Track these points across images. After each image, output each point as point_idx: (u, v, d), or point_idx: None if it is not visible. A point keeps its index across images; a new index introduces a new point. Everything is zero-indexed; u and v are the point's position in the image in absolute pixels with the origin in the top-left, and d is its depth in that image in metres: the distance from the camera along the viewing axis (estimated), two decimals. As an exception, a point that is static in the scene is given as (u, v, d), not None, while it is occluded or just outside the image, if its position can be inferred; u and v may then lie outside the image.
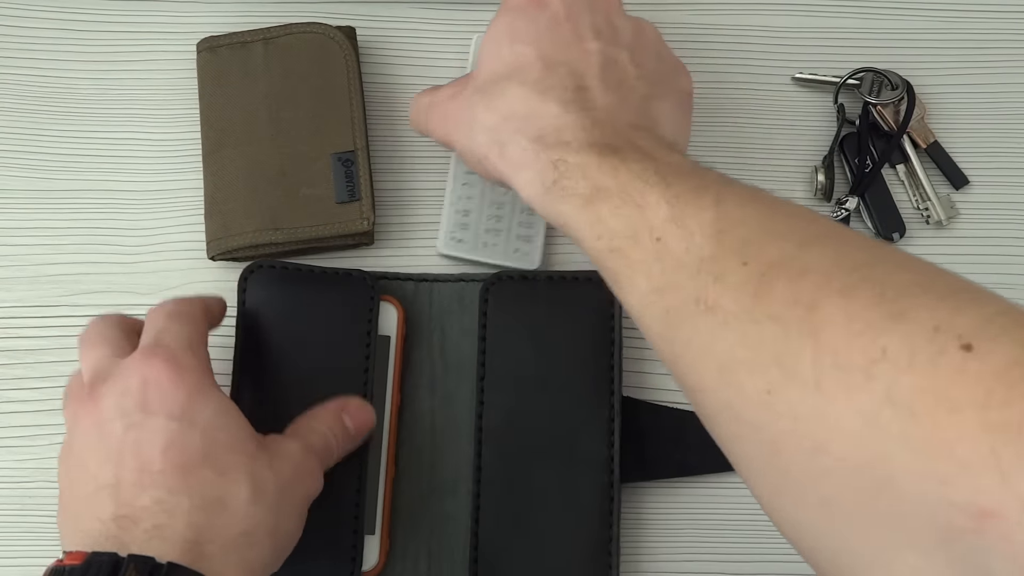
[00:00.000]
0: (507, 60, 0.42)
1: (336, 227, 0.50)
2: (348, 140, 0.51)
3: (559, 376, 0.48)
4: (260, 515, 0.37)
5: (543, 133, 0.39)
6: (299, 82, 0.52)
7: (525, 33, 0.42)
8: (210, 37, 0.53)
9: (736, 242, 0.33)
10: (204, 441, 0.37)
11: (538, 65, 0.41)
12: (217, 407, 0.39)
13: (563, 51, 0.41)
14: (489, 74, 0.42)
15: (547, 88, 0.40)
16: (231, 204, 0.50)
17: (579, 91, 0.40)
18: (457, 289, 0.51)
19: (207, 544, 0.36)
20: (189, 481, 0.36)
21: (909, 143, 0.55)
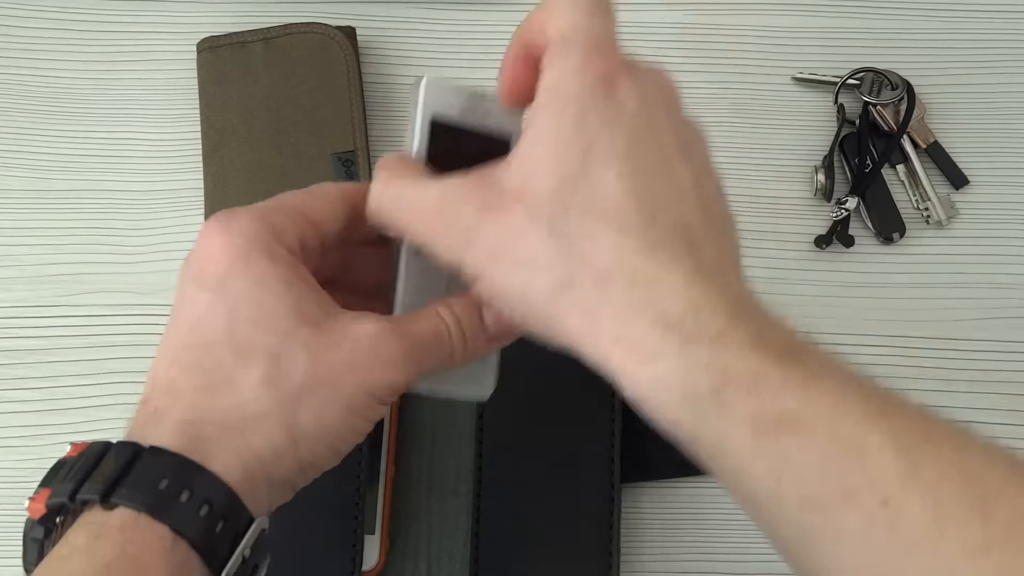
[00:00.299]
0: (584, 184, 0.31)
1: None
2: (348, 140, 0.51)
3: (559, 377, 0.48)
4: (271, 401, 0.32)
5: (673, 313, 0.29)
6: (299, 82, 0.52)
7: (606, 145, 0.31)
8: (210, 37, 0.53)
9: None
10: (229, 316, 0.33)
11: (633, 204, 0.30)
12: (258, 276, 0.33)
13: (658, 183, 0.31)
14: (553, 196, 0.31)
15: (657, 243, 0.30)
16: (231, 204, 0.50)
17: (692, 249, 0.30)
18: None
19: (204, 425, 0.32)
20: (204, 359, 0.33)
21: (909, 143, 0.55)
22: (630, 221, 0.30)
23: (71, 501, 0.30)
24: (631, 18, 0.57)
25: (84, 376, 0.51)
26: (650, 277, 0.30)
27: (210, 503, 0.30)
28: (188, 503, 0.30)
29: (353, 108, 0.52)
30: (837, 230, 0.53)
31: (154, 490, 0.30)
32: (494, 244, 0.31)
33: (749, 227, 0.54)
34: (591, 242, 0.30)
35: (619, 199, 0.30)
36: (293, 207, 0.35)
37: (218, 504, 0.30)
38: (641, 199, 0.31)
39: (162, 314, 0.52)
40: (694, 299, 0.29)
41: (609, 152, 0.31)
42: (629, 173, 0.31)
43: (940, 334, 0.52)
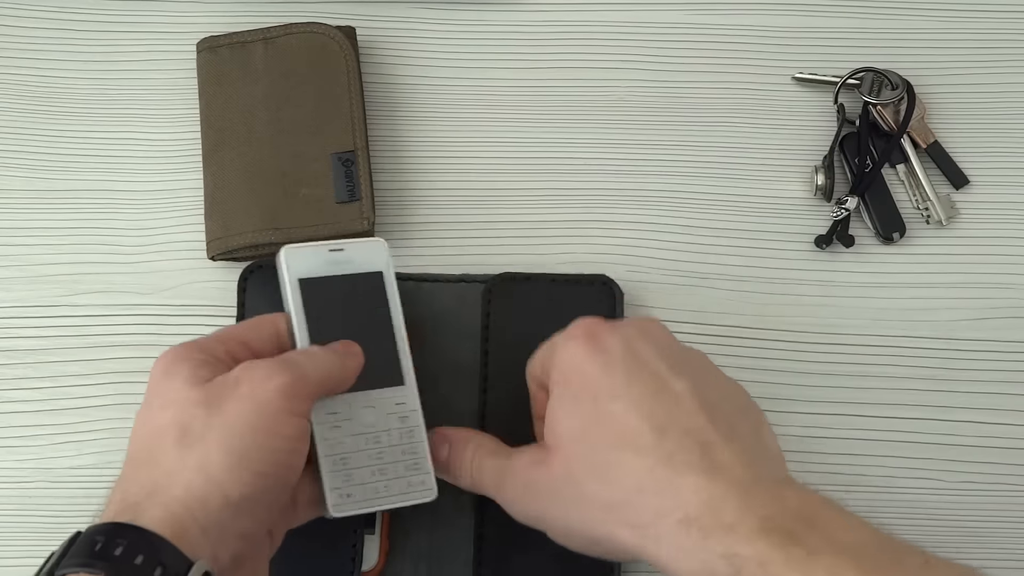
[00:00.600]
0: (599, 423, 0.38)
1: (336, 227, 0.50)
2: (348, 140, 0.51)
3: None
4: (182, 455, 0.36)
5: (692, 513, 0.35)
6: (299, 82, 0.52)
7: (607, 386, 0.38)
8: (210, 37, 0.53)
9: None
10: (147, 414, 0.39)
11: (643, 426, 0.37)
12: (166, 376, 0.39)
13: (659, 403, 0.38)
14: (581, 441, 0.39)
15: (671, 454, 0.36)
16: (231, 204, 0.50)
17: (704, 451, 0.36)
18: (458, 289, 0.51)
19: (134, 495, 0.36)
20: (132, 453, 0.38)
21: (909, 143, 0.55)
22: (643, 441, 0.37)
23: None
24: (631, 18, 0.57)
25: (84, 376, 0.51)
26: (670, 484, 0.36)
27: (143, 552, 0.34)
28: (123, 555, 0.33)
29: (353, 108, 0.52)
30: (837, 230, 0.53)
31: (89, 552, 0.33)
32: (548, 488, 0.39)
33: (749, 227, 0.54)
34: (618, 469, 0.37)
35: (630, 426, 0.37)
36: (220, 336, 0.41)
37: (151, 551, 0.34)
38: (648, 420, 0.37)
39: (162, 314, 0.52)
40: (708, 497, 0.35)
41: (611, 391, 0.38)
42: (633, 402, 0.38)
43: (940, 334, 0.52)
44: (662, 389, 0.38)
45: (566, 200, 0.54)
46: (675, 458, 0.36)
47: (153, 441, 0.38)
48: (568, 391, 0.40)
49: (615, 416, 0.38)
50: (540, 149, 0.55)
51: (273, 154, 0.51)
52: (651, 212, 0.54)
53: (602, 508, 0.37)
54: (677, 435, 0.37)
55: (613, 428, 0.38)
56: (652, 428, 0.37)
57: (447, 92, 0.55)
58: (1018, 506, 0.51)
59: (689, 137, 0.55)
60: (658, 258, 0.53)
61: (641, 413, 0.37)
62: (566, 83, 0.56)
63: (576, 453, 0.39)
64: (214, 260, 0.52)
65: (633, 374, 0.38)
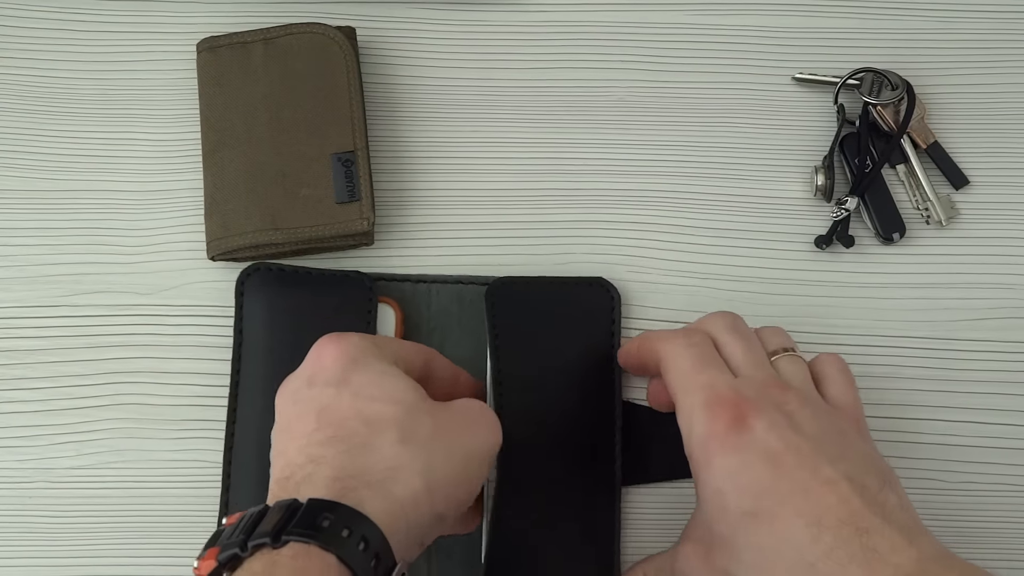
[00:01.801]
0: (755, 523, 0.38)
1: (336, 227, 0.50)
2: (348, 140, 0.51)
3: (564, 376, 0.49)
4: (407, 455, 0.37)
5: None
6: (299, 82, 0.52)
7: (753, 485, 0.38)
8: (210, 37, 0.53)
9: None
10: (355, 399, 0.38)
11: (799, 524, 0.37)
12: (376, 371, 0.40)
13: (811, 499, 0.37)
14: (739, 544, 0.39)
15: (829, 551, 0.36)
16: (231, 204, 0.50)
17: (864, 539, 0.36)
18: (456, 291, 0.51)
19: (348, 479, 0.36)
20: (339, 433, 0.37)
21: (909, 143, 0.55)
22: (800, 539, 0.37)
23: (243, 550, 0.34)
24: (631, 18, 0.57)
25: (84, 376, 0.51)
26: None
27: (367, 541, 0.34)
28: (349, 539, 0.34)
29: (353, 108, 0.52)
30: (837, 230, 0.53)
31: (319, 527, 0.34)
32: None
33: (749, 227, 0.54)
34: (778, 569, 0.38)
35: (784, 523, 0.38)
36: (388, 341, 0.43)
37: (373, 542, 0.35)
38: (802, 517, 0.37)
39: (162, 314, 0.52)
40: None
41: (759, 488, 0.39)
42: (783, 498, 0.38)
43: (940, 334, 0.52)
44: (812, 479, 0.38)
45: (566, 200, 0.54)
46: (835, 552, 0.36)
47: (370, 429, 0.38)
48: (715, 481, 0.39)
49: (766, 513, 0.38)
50: (540, 149, 0.55)
51: (273, 154, 0.51)
52: (651, 212, 0.54)
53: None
54: (834, 527, 0.36)
55: (766, 526, 0.38)
56: (807, 523, 0.37)
57: (447, 92, 0.55)
58: (1018, 506, 0.51)
59: (689, 137, 0.55)
60: (658, 258, 0.53)
61: (792, 509, 0.37)
62: (566, 83, 0.56)
63: (737, 554, 0.39)
64: (214, 260, 0.51)
65: (780, 467, 0.38)
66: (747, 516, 0.38)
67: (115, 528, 0.49)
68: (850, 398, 0.43)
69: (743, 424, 0.39)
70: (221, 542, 0.35)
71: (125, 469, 0.50)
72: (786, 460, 0.38)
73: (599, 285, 0.51)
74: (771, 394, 0.41)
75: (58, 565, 0.49)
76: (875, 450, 0.42)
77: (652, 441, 0.49)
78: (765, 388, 0.41)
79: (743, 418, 0.39)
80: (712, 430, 0.40)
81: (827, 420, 0.41)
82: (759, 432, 0.39)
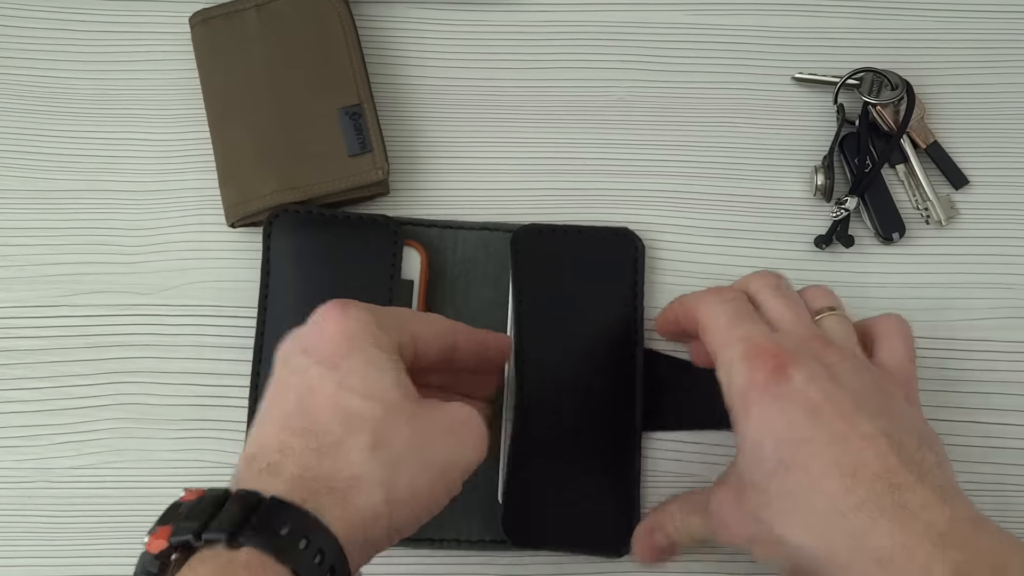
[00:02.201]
0: (789, 471, 0.38)
1: (352, 179, 0.51)
2: (352, 94, 0.52)
3: (586, 323, 0.50)
4: (374, 464, 0.36)
5: (886, 556, 0.35)
6: (296, 43, 0.52)
7: (791, 432, 0.38)
8: (202, 10, 0.53)
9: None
10: (339, 387, 0.37)
11: (834, 474, 0.37)
12: (366, 358, 0.37)
13: (848, 450, 0.37)
14: (774, 486, 0.39)
15: (861, 503, 0.36)
16: (245, 170, 0.51)
17: (896, 495, 0.36)
18: (482, 237, 0.52)
19: (313, 481, 0.35)
20: (313, 425, 0.36)
21: (909, 143, 0.55)
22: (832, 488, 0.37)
23: (196, 539, 0.33)
24: (631, 18, 0.57)
25: (84, 376, 0.51)
26: (863, 531, 0.36)
27: (323, 553, 0.33)
28: (306, 551, 0.33)
29: (353, 61, 0.52)
30: (837, 230, 0.53)
31: (277, 535, 0.33)
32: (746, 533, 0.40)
33: (749, 227, 0.54)
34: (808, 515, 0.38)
35: (818, 472, 0.37)
36: (402, 318, 0.40)
37: (330, 555, 0.33)
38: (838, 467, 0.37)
39: (162, 314, 0.52)
40: (903, 541, 0.35)
41: (798, 435, 0.38)
42: (820, 448, 0.38)
43: (940, 334, 0.52)
44: (850, 432, 0.38)
45: (566, 200, 0.54)
46: (867, 505, 0.36)
47: (344, 428, 0.36)
48: (753, 429, 0.39)
49: (802, 462, 0.38)
50: (540, 149, 0.55)
51: (280, 116, 0.51)
52: (651, 212, 0.54)
53: (799, 547, 0.38)
54: (868, 480, 0.37)
55: (803, 474, 0.38)
56: (842, 475, 0.37)
57: (447, 92, 0.55)
58: (1018, 506, 0.51)
59: (689, 137, 0.55)
60: (658, 258, 0.53)
61: (829, 459, 0.37)
62: (566, 83, 0.56)
63: (771, 497, 0.39)
64: (233, 227, 0.52)
65: (819, 417, 0.38)
66: (782, 464, 0.38)
67: (115, 528, 0.49)
68: (900, 361, 0.43)
69: (782, 374, 0.39)
70: (176, 522, 0.34)
71: (125, 469, 0.50)
72: (825, 411, 0.38)
73: (624, 235, 0.51)
74: (812, 347, 0.40)
75: (58, 565, 0.49)
76: (919, 413, 0.41)
77: (674, 390, 0.50)
78: (806, 341, 0.41)
79: (782, 368, 0.39)
80: (751, 380, 0.39)
81: (869, 377, 0.40)
82: (798, 383, 0.39)
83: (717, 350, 0.42)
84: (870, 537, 0.36)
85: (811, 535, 0.37)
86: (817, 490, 0.37)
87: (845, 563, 0.36)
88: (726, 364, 0.41)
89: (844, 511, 0.36)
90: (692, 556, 0.49)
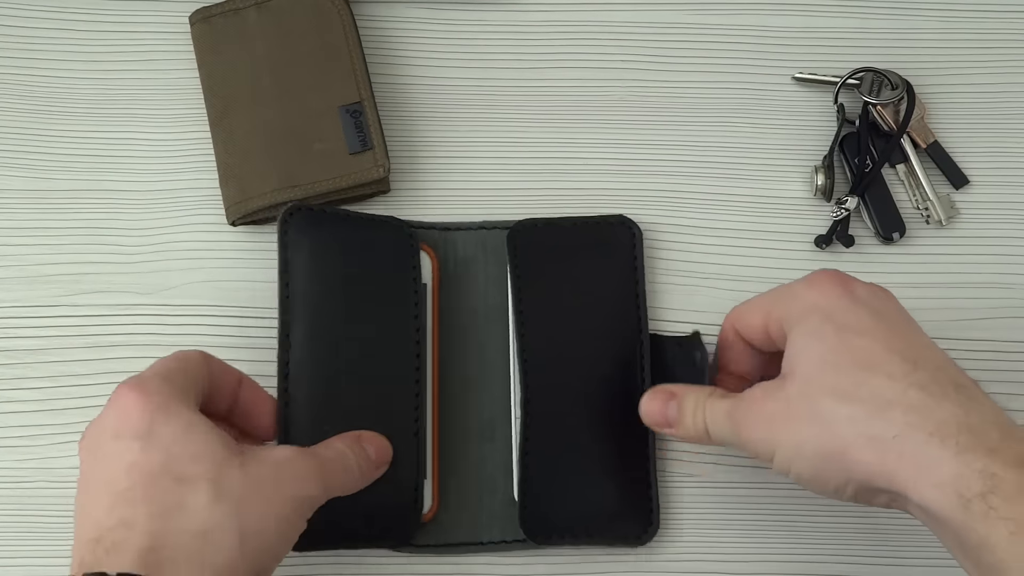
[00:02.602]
0: (851, 353, 0.38)
1: (353, 177, 0.51)
2: (353, 92, 0.52)
3: (588, 311, 0.49)
4: (221, 514, 0.36)
5: (949, 431, 0.35)
6: (296, 41, 0.52)
7: (854, 323, 0.39)
8: (202, 8, 0.53)
9: None
10: (165, 455, 0.37)
11: (896, 359, 0.38)
12: (182, 423, 0.38)
13: (911, 343, 0.39)
14: (824, 365, 0.39)
15: (924, 384, 0.36)
16: (246, 168, 0.51)
17: (960, 388, 0.37)
18: (479, 237, 0.52)
19: (163, 549, 0.35)
20: (150, 492, 0.36)
21: (909, 143, 0.55)
22: (895, 368, 0.37)
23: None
24: (631, 18, 0.57)
25: (84, 376, 0.51)
26: (925, 406, 0.36)
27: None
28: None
29: (354, 60, 0.52)
30: (837, 230, 0.53)
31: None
32: (786, 414, 0.39)
33: (749, 227, 0.54)
34: (866, 387, 0.37)
35: (880, 355, 0.38)
36: (180, 367, 0.41)
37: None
38: (900, 353, 0.38)
39: (162, 314, 0.52)
40: (968, 423, 0.35)
41: (859, 326, 0.39)
42: (883, 336, 0.38)
43: (940, 334, 0.52)
44: (911, 332, 0.39)
45: (566, 200, 0.54)
46: (929, 387, 0.36)
47: (182, 487, 0.37)
48: (811, 325, 0.40)
49: (864, 347, 0.38)
50: (540, 149, 0.55)
51: (281, 114, 0.51)
52: (651, 211, 0.54)
53: (843, 422, 0.37)
54: (931, 369, 0.37)
55: (861, 355, 0.38)
56: (904, 359, 0.37)
57: (447, 92, 0.55)
58: (1018, 506, 0.51)
59: (689, 137, 0.55)
60: (658, 258, 0.53)
61: (892, 347, 0.38)
62: (566, 83, 0.56)
63: (817, 376, 0.38)
64: (235, 225, 0.52)
65: (882, 316, 0.39)
66: (838, 344, 0.39)
67: (115, 528, 0.49)
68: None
69: (847, 286, 0.41)
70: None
71: (125, 469, 0.50)
72: (888, 314, 0.40)
73: (620, 222, 0.51)
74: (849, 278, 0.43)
75: (58, 565, 0.49)
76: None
77: (683, 367, 0.49)
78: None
79: (846, 282, 0.41)
80: (822, 293, 0.41)
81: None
82: (864, 292, 0.41)
83: (765, 306, 0.43)
84: (931, 413, 0.36)
85: (862, 406, 0.37)
86: (876, 368, 0.37)
87: (896, 434, 0.36)
88: (785, 297, 0.42)
89: (905, 387, 0.36)
90: (700, 557, 0.49)
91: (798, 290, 0.42)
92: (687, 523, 0.50)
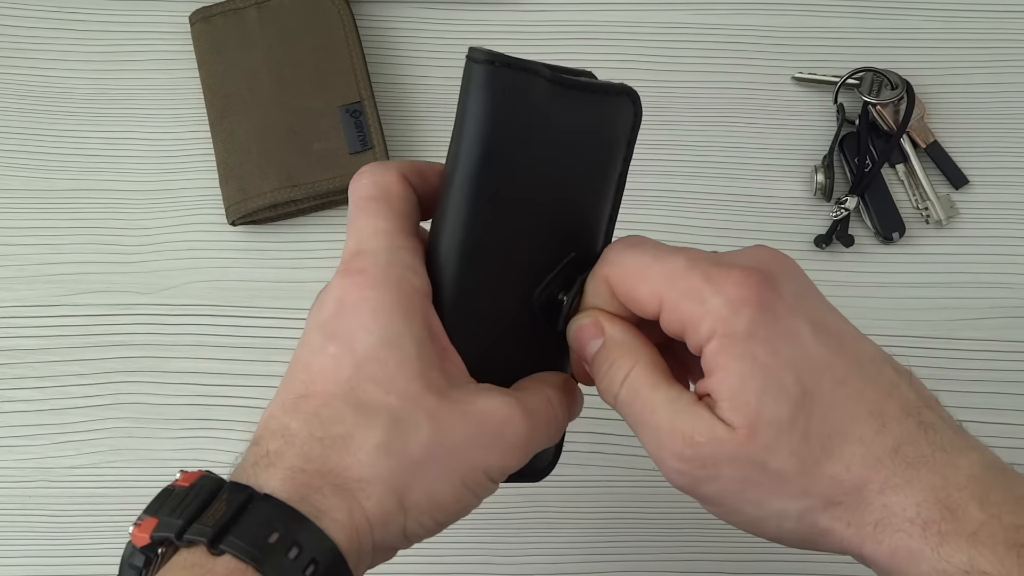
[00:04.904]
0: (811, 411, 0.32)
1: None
2: (353, 91, 0.52)
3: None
4: (386, 469, 0.31)
5: (930, 516, 0.31)
6: (297, 41, 0.53)
7: (806, 363, 0.33)
8: (202, 8, 0.53)
9: None
10: (354, 371, 0.32)
11: (861, 412, 0.33)
12: (388, 336, 0.32)
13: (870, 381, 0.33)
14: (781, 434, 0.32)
15: (896, 448, 0.32)
16: (245, 167, 0.51)
17: (930, 437, 0.33)
18: None
19: (317, 477, 0.31)
20: (323, 410, 0.32)
21: (909, 143, 0.55)
22: (862, 430, 0.32)
23: (178, 539, 0.30)
24: (632, 18, 0.57)
25: (84, 376, 0.51)
26: (903, 482, 0.32)
27: (316, 563, 0.29)
28: (295, 561, 0.29)
29: (354, 60, 0.52)
30: (837, 230, 0.53)
31: (263, 543, 0.29)
32: (730, 477, 0.32)
33: (749, 227, 0.54)
34: (838, 463, 0.32)
35: (843, 411, 0.32)
36: (401, 231, 0.34)
37: (323, 565, 0.30)
38: (863, 403, 0.33)
39: (162, 314, 0.52)
40: (946, 497, 0.31)
41: (812, 366, 0.33)
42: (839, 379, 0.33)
43: (940, 334, 0.52)
44: (858, 348, 0.34)
45: (566, 200, 0.54)
46: (903, 450, 0.32)
47: (356, 419, 0.31)
48: (738, 363, 0.32)
49: (824, 401, 0.32)
50: (540, 149, 0.55)
51: (281, 114, 0.52)
52: (651, 212, 0.54)
53: (814, 500, 0.32)
54: (897, 418, 0.32)
55: (823, 416, 0.32)
56: (869, 412, 0.32)
57: (447, 92, 0.55)
58: (1018, 506, 0.51)
59: (689, 137, 0.55)
60: (658, 258, 0.53)
61: (854, 393, 0.32)
62: (566, 83, 0.56)
63: (775, 442, 0.32)
64: (234, 225, 0.52)
65: (819, 329, 0.34)
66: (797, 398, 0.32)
67: (115, 528, 0.49)
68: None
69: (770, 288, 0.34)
70: (163, 514, 0.31)
71: (125, 469, 0.50)
72: (827, 328, 0.36)
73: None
74: (761, 256, 0.38)
75: (58, 565, 0.49)
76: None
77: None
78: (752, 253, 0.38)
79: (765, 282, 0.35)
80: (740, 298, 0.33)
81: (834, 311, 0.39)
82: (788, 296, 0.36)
83: (661, 290, 0.33)
84: (908, 492, 0.31)
85: (834, 486, 0.32)
86: (844, 433, 0.32)
87: (874, 520, 0.32)
88: (685, 296, 0.33)
89: (879, 457, 0.32)
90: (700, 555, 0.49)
91: (704, 291, 0.33)
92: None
